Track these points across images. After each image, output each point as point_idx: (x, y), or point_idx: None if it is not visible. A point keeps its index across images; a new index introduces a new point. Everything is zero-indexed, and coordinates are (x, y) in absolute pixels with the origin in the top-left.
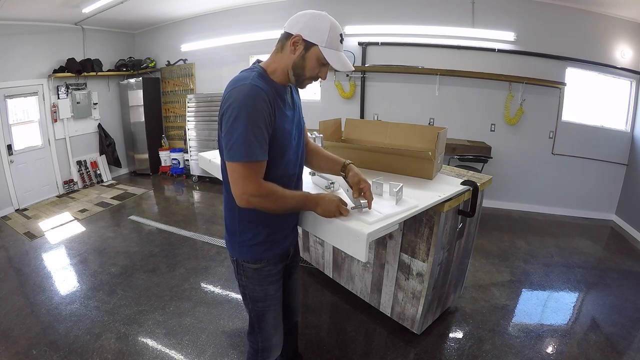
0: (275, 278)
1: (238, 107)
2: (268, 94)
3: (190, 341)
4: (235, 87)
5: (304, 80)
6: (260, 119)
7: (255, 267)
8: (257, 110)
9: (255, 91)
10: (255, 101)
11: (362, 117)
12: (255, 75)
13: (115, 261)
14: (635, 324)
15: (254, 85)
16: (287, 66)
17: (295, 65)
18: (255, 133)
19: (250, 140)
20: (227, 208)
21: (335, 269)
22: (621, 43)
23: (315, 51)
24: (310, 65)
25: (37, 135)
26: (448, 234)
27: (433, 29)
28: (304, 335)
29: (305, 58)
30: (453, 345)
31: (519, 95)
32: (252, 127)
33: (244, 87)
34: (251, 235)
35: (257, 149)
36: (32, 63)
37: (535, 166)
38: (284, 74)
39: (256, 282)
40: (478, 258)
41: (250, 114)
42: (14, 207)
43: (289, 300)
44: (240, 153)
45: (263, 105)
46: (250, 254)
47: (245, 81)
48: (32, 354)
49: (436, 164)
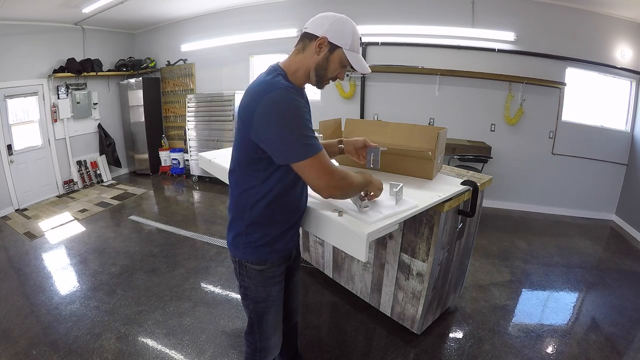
0: (278, 279)
1: (285, 111)
2: (299, 94)
3: (190, 341)
4: (269, 92)
5: (324, 81)
6: (306, 114)
7: (259, 269)
8: (301, 109)
9: (292, 93)
10: (297, 102)
11: (362, 117)
12: (279, 79)
13: (115, 261)
14: (635, 324)
15: (289, 89)
16: (309, 67)
17: (319, 66)
18: (308, 128)
19: (308, 135)
20: (236, 209)
21: (335, 269)
22: (621, 43)
23: (339, 54)
24: (333, 66)
25: (37, 135)
26: (448, 234)
27: (433, 29)
28: (304, 335)
29: (329, 60)
30: (453, 345)
31: (519, 95)
32: (304, 124)
33: (281, 92)
34: (258, 237)
35: (314, 140)
36: (32, 63)
37: (535, 166)
38: (305, 75)
39: (259, 284)
40: (478, 258)
41: (298, 114)
42: (14, 207)
43: (289, 300)
44: (304, 152)
45: (303, 103)
46: (255, 255)
47: (279, 86)
48: (32, 354)
49: (436, 164)
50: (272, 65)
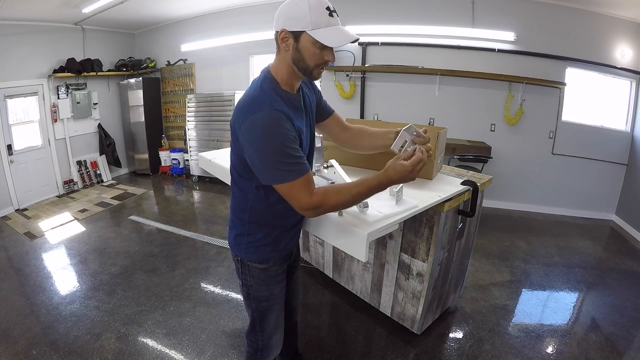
0: (281, 278)
1: (265, 136)
2: (288, 114)
3: (190, 341)
4: (254, 112)
5: (312, 72)
6: (289, 140)
7: (262, 267)
8: (282, 134)
9: (276, 117)
10: (279, 126)
11: (362, 117)
12: (269, 94)
13: (115, 261)
14: (635, 324)
15: (273, 111)
16: (289, 65)
17: (295, 60)
18: (288, 154)
19: (288, 162)
20: (236, 209)
21: (335, 269)
22: (621, 43)
23: (306, 38)
24: (308, 54)
25: (37, 135)
26: (448, 234)
27: (433, 29)
28: (304, 335)
29: (300, 49)
30: (453, 345)
31: (519, 95)
32: (284, 150)
33: (265, 115)
34: (260, 236)
35: (294, 165)
36: (32, 63)
37: (535, 166)
38: (291, 75)
39: (262, 282)
40: (478, 258)
41: (279, 139)
42: (14, 207)
43: (289, 299)
44: (282, 177)
45: (288, 127)
46: (257, 254)
47: (263, 108)
48: (32, 354)
49: (436, 164)
50: (264, 69)
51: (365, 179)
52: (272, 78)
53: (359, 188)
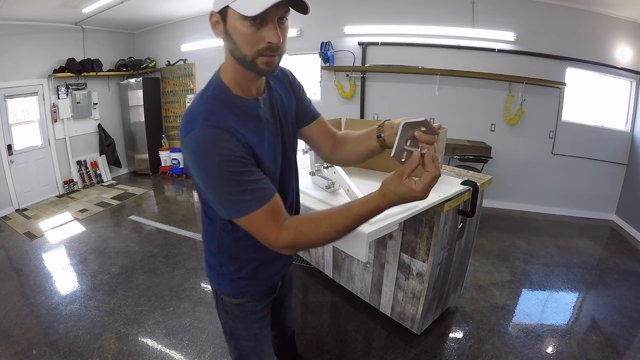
0: (260, 315)
1: (203, 162)
2: (228, 128)
3: (190, 341)
4: (189, 131)
5: (253, 62)
6: (234, 163)
7: (237, 302)
8: (223, 157)
9: (210, 136)
10: (216, 149)
11: (362, 117)
12: (208, 104)
13: (115, 261)
14: (635, 324)
15: (205, 128)
16: (233, 62)
17: (231, 50)
18: (236, 181)
19: (239, 190)
20: (205, 238)
21: (335, 269)
22: (621, 43)
23: (231, 15)
24: (238, 37)
25: (37, 135)
26: (448, 234)
27: (433, 29)
28: (304, 335)
29: (230, 33)
30: (453, 345)
31: (519, 95)
32: (230, 176)
33: (199, 134)
34: (233, 269)
35: (248, 194)
36: (32, 63)
37: (535, 166)
38: (240, 72)
39: (237, 319)
40: (478, 258)
41: (219, 166)
42: (14, 207)
43: (282, 325)
44: (235, 210)
45: (229, 146)
46: (231, 288)
47: (194, 125)
48: (32, 354)
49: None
50: (214, 73)
51: (353, 205)
52: (218, 81)
53: (344, 219)
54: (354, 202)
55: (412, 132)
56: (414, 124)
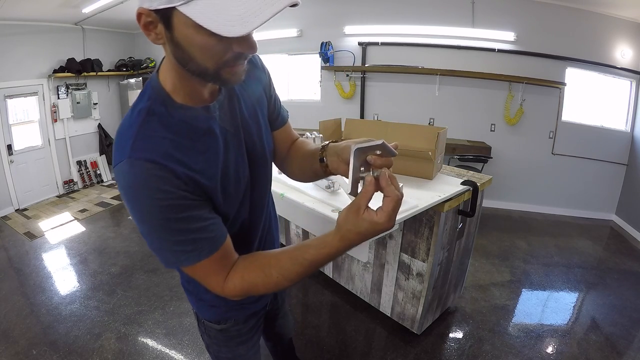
0: (246, 337)
1: (133, 207)
2: (163, 161)
3: (190, 341)
4: (118, 161)
5: (216, 74)
6: (171, 209)
7: (219, 328)
8: (158, 202)
9: (140, 174)
10: (149, 192)
11: (362, 117)
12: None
13: (115, 261)
14: (635, 324)
15: (134, 162)
16: (173, 66)
17: (180, 59)
18: (173, 230)
19: (173, 240)
20: None
21: (335, 269)
22: (621, 43)
23: (181, 20)
24: (194, 48)
25: (37, 135)
26: (448, 234)
27: (433, 29)
28: (304, 335)
29: (179, 42)
30: (453, 345)
31: (519, 95)
32: (167, 225)
33: (123, 171)
34: (210, 297)
35: (188, 244)
36: (32, 63)
37: (535, 166)
38: (185, 78)
39: (221, 343)
40: (478, 258)
41: (153, 213)
42: (14, 207)
43: (279, 335)
44: (175, 260)
45: (167, 187)
46: (211, 314)
47: (122, 154)
48: (32, 354)
49: (436, 164)
50: (151, 76)
51: (306, 250)
52: (156, 88)
53: (296, 266)
54: (309, 244)
55: (365, 156)
56: (367, 149)
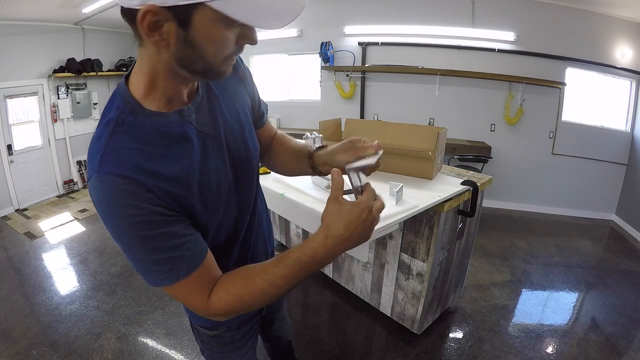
0: (239, 344)
1: (107, 223)
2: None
3: (190, 341)
4: (90, 175)
5: (218, 68)
6: (142, 226)
7: (212, 334)
8: (129, 220)
9: (110, 190)
10: (120, 209)
11: (362, 117)
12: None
13: (115, 261)
14: (635, 324)
15: (103, 177)
16: (167, 68)
17: (184, 59)
18: (147, 249)
19: (147, 259)
20: None
21: (335, 269)
22: (621, 43)
23: (205, 16)
24: (211, 44)
25: (37, 135)
26: (448, 234)
27: (433, 29)
28: (304, 335)
29: (194, 41)
30: (453, 345)
31: (519, 95)
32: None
33: (94, 187)
34: None
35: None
36: (32, 63)
37: (535, 166)
38: (164, 79)
39: (214, 349)
40: (478, 258)
41: (126, 231)
42: (14, 207)
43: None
44: (154, 279)
45: (137, 202)
46: (203, 320)
47: (93, 169)
48: (32, 354)
49: (436, 164)
50: (119, 83)
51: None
52: (124, 96)
53: (281, 269)
54: (293, 247)
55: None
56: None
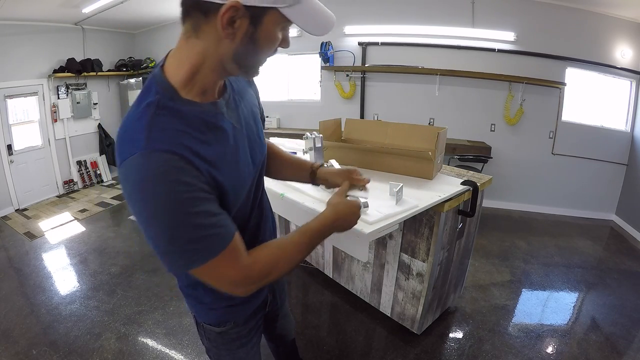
0: (245, 340)
1: (148, 205)
2: (183, 151)
3: (190, 341)
4: (128, 156)
5: (260, 66)
6: (192, 201)
7: (219, 331)
8: (180, 195)
9: (161, 165)
10: (170, 185)
11: (362, 117)
12: (152, 117)
13: (115, 261)
14: (635, 324)
15: (153, 154)
16: (218, 60)
17: (241, 54)
18: (195, 225)
19: (192, 237)
20: None
21: (335, 269)
22: (621, 43)
23: (273, 19)
24: (267, 43)
25: (37, 135)
26: (448, 234)
27: (433, 29)
28: (304, 335)
29: (258, 38)
30: (453, 345)
31: (519, 95)
32: (188, 220)
33: (139, 163)
34: (210, 300)
35: (208, 238)
36: (32, 63)
37: (535, 166)
38: (214, 74)
39: (221, 346)
40: (478, 258)
41: (174, 208)
42: (14, 207)
43: (281, 336)
44: (185, 261)
45: (188, 178)
46: (210, 317)
47: (136, 147)
48: (32, 354)
49: (436, 164)
50: (154, 72)
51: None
52: (163, 84)
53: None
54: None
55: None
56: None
